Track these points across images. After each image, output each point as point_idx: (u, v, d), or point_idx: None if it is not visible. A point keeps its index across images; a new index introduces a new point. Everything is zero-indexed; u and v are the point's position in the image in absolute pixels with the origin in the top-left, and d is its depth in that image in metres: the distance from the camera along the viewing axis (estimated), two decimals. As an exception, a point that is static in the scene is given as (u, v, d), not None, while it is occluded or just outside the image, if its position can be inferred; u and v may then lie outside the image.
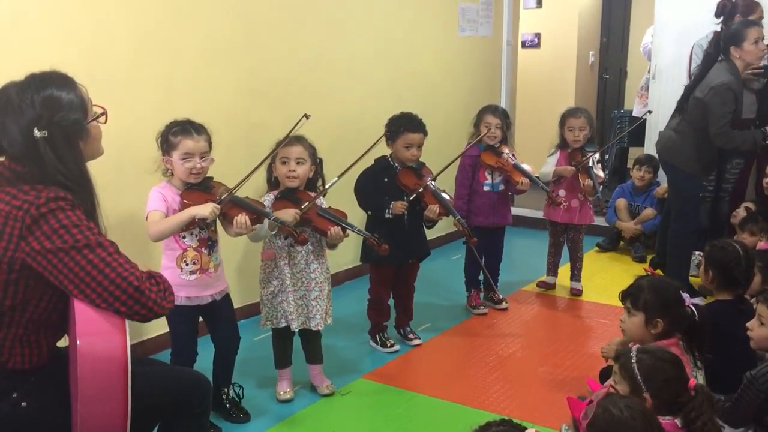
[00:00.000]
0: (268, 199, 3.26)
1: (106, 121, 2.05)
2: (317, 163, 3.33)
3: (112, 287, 1.83)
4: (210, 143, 2.97)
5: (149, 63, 3.65)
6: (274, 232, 3.18)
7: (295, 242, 3.14)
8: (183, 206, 2.91)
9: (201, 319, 3.13)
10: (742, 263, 3.00)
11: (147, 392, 2.00)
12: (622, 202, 5.78)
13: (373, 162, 3.80)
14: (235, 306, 3.28)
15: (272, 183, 3.34)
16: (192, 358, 3.09)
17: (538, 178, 4.49)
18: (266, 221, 3.09)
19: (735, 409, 2.51)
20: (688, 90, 4.41)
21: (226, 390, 3.20)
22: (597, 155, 4.66)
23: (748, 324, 2.68)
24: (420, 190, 3.73)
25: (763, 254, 3.31)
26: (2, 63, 3.03)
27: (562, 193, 4.55)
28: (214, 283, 3.06)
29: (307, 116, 3.07)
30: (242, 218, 2.93)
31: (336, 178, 3.29)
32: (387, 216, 3.68)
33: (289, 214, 3.13)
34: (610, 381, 2.24)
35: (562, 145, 4.69)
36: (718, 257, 3.03)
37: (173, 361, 3.05)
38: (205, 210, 2.85)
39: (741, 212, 4.82)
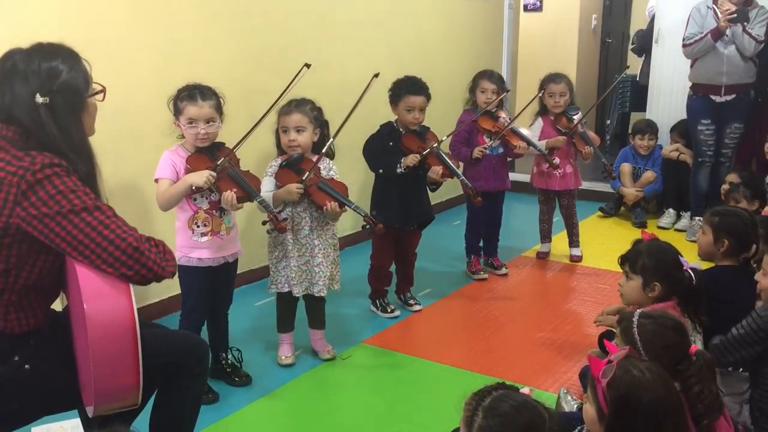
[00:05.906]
0: (274, 165, 3.24)
1: (103, 99, 2.06)
2: (322, 126, 3.28)
3: (111, 248, 1.84)
4: (219, 108, 2.95)
5: (148, 28, 3.62)
6: (279, 209, 3.13)
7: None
8: (186, 171, 2.91)
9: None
10: (753, 227, 2.99)
11: (147, 353, 2.02)
12: (626, 167, 5.76)
13: (378, 127, 3.80)
14: (238, 272, 3.29)
15: (281, 149, 3.31)
16: (202, 320, 3.12)
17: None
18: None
19: (731, 346, 2.45)
20: None
21: (224, 355, 3.22)
22: (581, 115, 4.61)
23: (756, 276, 2.63)
24: (424, 153, 3.72)
25: (765, 220, 3.29)
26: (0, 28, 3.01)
27: (556, 161, 4.53)
28: (227, 246, 3.06)
29: (308, 65, 2.92)
30: (229, 195, 2.87)
31: (330, 140, 3.24)
32: (399, 170, 3.69)
33: (290, 192, 3.11)
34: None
35: (543, 111, 4.66)
36: (732, 224, 2.95)
37: (183, 321, 3.07)
38: (200, 178, 2.82)
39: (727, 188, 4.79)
